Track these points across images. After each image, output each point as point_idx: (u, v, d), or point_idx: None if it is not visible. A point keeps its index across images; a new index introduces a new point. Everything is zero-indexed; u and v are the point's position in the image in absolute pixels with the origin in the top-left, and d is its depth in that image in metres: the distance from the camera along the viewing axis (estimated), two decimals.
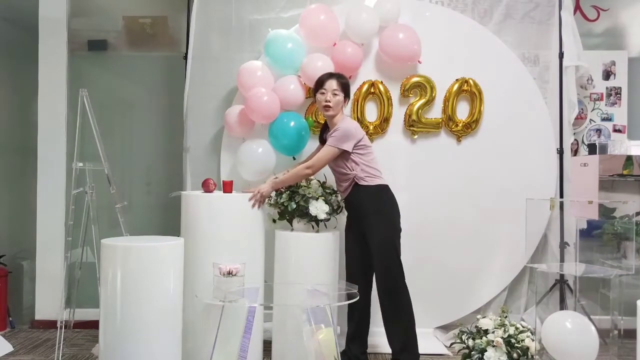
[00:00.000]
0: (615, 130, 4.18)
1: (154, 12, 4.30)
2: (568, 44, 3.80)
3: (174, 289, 2.68)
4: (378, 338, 3.40)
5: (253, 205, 3.11)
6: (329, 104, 3.10)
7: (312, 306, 2.53)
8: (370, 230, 3.09)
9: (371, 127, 3.73)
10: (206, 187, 3.20)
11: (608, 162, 3.78)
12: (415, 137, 3.73)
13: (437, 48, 3.72)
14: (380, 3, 3.67)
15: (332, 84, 3.11)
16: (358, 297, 2.62)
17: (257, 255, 3.19)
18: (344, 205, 3.29)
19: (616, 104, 4.20)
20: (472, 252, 3.74)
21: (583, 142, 4.19)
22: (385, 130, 3.74)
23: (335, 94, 3.10)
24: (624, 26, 4.28)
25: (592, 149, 4.07)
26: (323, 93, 3.12)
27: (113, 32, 4.28)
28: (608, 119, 4.20)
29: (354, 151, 3.08)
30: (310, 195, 3.23)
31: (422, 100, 3.72)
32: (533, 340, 2.86)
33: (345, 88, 3.16)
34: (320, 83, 3.15)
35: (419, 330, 3.17)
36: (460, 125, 3.75)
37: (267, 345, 3.31)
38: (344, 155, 3.08)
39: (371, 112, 3.75)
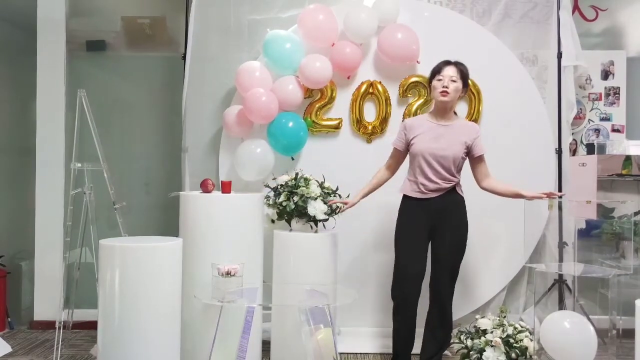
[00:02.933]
0: (613, 130, 4.18)
1: (153, 12, 4.30)
2: (566, 44, 3.80)
3: (173, 290, 2.68)
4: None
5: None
6: (446, 89, 2.96)
7: (311, 306, 2.53)
8: (452, 238, 3.04)
9: (370, 127, 3.73)
10: (205, 187, 3.20)
11: (607, 162, 3.78)
12: None
13: (435, 48, 3.71)
14: (379, 3, 3.67)
15: (449, 71, 2.99)
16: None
17: (256, 255, 3.19)
18: (417, 205, 3.05)
19: (615, 103, 4.20)
20: (470, 252, 3.72)
21: (582, 142, 4.19)
22: (384, 131, 3.74)
23: (454, 81, 2.98)
24: (623, 26, 4.28)
25: (590, 148, 4.07)
26: (440, 80, 2.99)
27: (111, 32, 4.28)
28: (607, 118, 4.20)
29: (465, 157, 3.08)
30: (308, 196, 3.23)
31: (421, 100, 3.72)
32: (532, 340, 2.87)
33: (463, 77, 3.03)
34: (437, 70, 3.03)
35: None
36: None
37: (266, 346, 3.31)
38: (464, 159, 3.06)
39: (370, 112, 3.75)
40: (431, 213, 3.01)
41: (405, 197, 3.08)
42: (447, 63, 3.03)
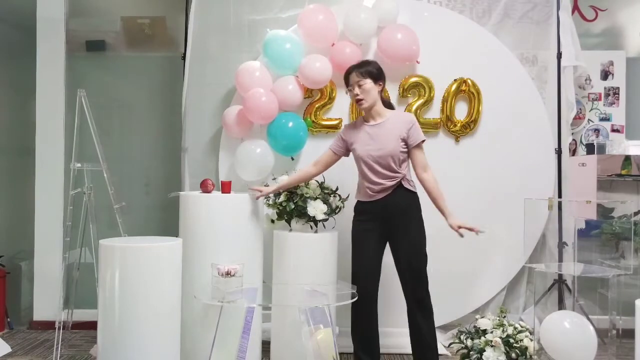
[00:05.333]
0: (613, 130, 4.18)
1: (152, 12, 4.30)
2: (566, 44, 3.80)
3: (172, 290, 2.68)
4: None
5: None
6: (358, 97, 2.93)
7: (311, 306, 2.53)
8: (408, 236, 2.96)
9: None
10: (204, 187, 3.20)
11: (606, 162, 3.78)
12: None
13: (435, 48, 3.72)
14: (379, 3, 3.68)
15: (353, 77, 2.95)
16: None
17: (256, 255, 3.19)
18: (363, 206, 3.05)
19: (614, 104, 4.20)
20: (470, 252, 3.73)
21: (581, 142, 4.19)
22: None
23: (360, 85, 2.92)
24: (622, 26, 4.29)
25: (590, 149, 4.08)
26: (350, 90, 2.99)
27: (111, 32, 4.28)
28: (606, 119, 4.20)
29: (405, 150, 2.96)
30: (308, 196, 3.23)
31: (421, 101, 3.72)
32: (531, 340, 2.87)
33: (369, 74, 2.93)
34: (345, 82, 3.01)
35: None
36: (459, 125, 3.75)
37: (266, 346, 3.31)
38: (404, 152, 2.95)
39: None
40: (382, 213, 2.96)
41: (357, 201, 3.09)
42: (349, 72, 2.99)
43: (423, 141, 2.97)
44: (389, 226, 2.98)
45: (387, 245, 3.07)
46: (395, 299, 3.23)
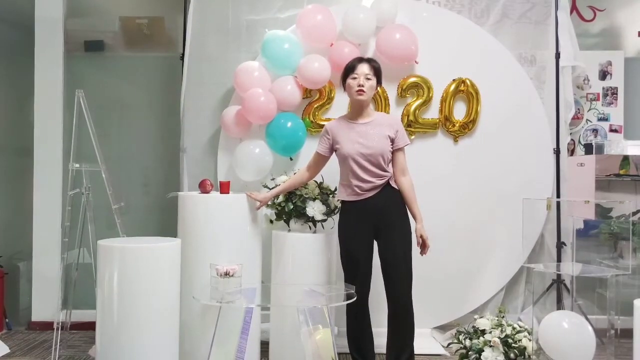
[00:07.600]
0: (611, 130, 4.19)
1: (151, 12, 4.30)
2: (564, 44, 3.81)
3: (171, 290, 2.68)
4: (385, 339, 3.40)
5: None
6: (362, 88, 2.91)
7: (310, 307, 2.53)
8: (394, 236, 2.94)
9: None
10: (203, 187, 3.20)
11: (604, 162, 3.79)
12: (413, 137, 3.72)
13: (434, 48, 3.72)
14: (378, 3, 3.68)
15: (364, 68, 2.94)
16: (355, 298, 2.60)
17: (255, 256, 3.19)
18: (353, 207, 2.99)
19: (612, 104, 4.20)
20: (469, 252, 3.74)
21: (579, 142, 4.19)
22: None
23: (368, 79, 2.93)
24: (620, 26, 4.29)
25: (588, 149, 4.08)
26: (355, 78, 2.94)
27: (110, 32, 4.28)
28: (604, 119, 4.21)
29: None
30: (307, 196, 3.23)
31: (419, 101, 3.72)
32: (530, 340, 2.87)
33: (377, 75, 2.98)
34: (351, 68, 2.96)
35: (416, 331, 3.17)
36: (457, 125, 3.76)
37: (265, 346, 3.31)
38: (390, 153, 2.95)
39: None
40: (372, 212, 2.94)
41: (343, 202, 3.05)
42: (360, 60, 2.98)
43: (406, 145, 3.01)
44: (379, 225, 2.96)
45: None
46: None
